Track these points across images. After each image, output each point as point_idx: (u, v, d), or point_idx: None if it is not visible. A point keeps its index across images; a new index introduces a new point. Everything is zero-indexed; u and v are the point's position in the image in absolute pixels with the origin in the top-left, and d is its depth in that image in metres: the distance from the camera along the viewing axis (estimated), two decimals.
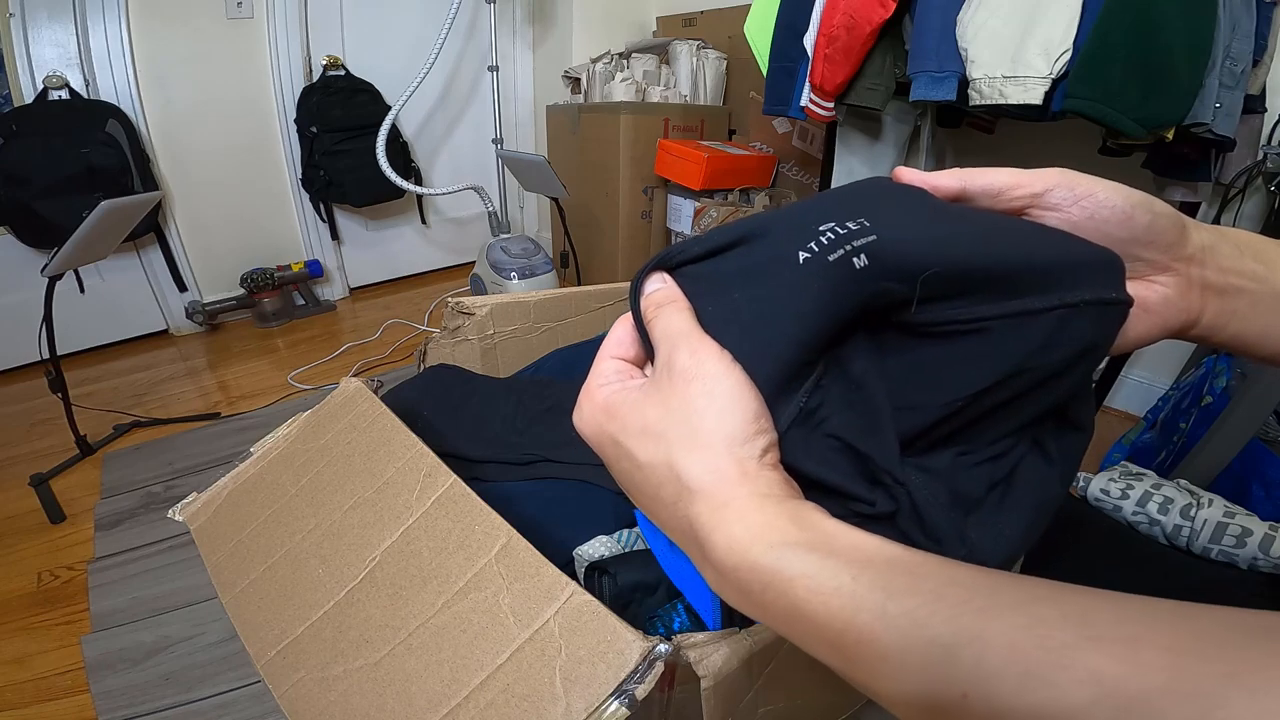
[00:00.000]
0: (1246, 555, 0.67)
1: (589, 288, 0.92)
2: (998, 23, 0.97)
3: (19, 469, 1.36)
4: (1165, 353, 1.40)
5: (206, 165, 1.97)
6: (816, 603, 0.19)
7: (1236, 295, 0.28)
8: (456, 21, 1.82)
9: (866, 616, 0.18)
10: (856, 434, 0.25)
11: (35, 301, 1.26)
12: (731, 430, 0.23)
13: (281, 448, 0.58)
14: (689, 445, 0.23)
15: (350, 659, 0.41)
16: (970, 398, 0.25)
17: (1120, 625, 0.15)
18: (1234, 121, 0.95)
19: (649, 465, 0.24)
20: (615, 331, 0.28)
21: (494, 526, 0.43)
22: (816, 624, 0.19)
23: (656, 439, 0.24)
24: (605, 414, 0.26)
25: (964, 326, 0.24)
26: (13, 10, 1.63)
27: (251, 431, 1.45)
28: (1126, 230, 0.27)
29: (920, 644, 0.17)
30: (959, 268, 0.24)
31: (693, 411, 0.23)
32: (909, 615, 0.18)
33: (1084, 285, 0.24)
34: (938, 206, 0.27)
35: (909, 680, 0.17)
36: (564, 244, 2.09)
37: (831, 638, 0.19)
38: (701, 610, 0.48)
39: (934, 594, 0.18)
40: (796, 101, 1.26)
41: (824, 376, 0.25)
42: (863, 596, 0.19)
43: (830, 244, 0.24)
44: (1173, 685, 0.14)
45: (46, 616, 1.01)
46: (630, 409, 0.25)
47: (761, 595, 0.21)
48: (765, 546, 0.21)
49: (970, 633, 0.17)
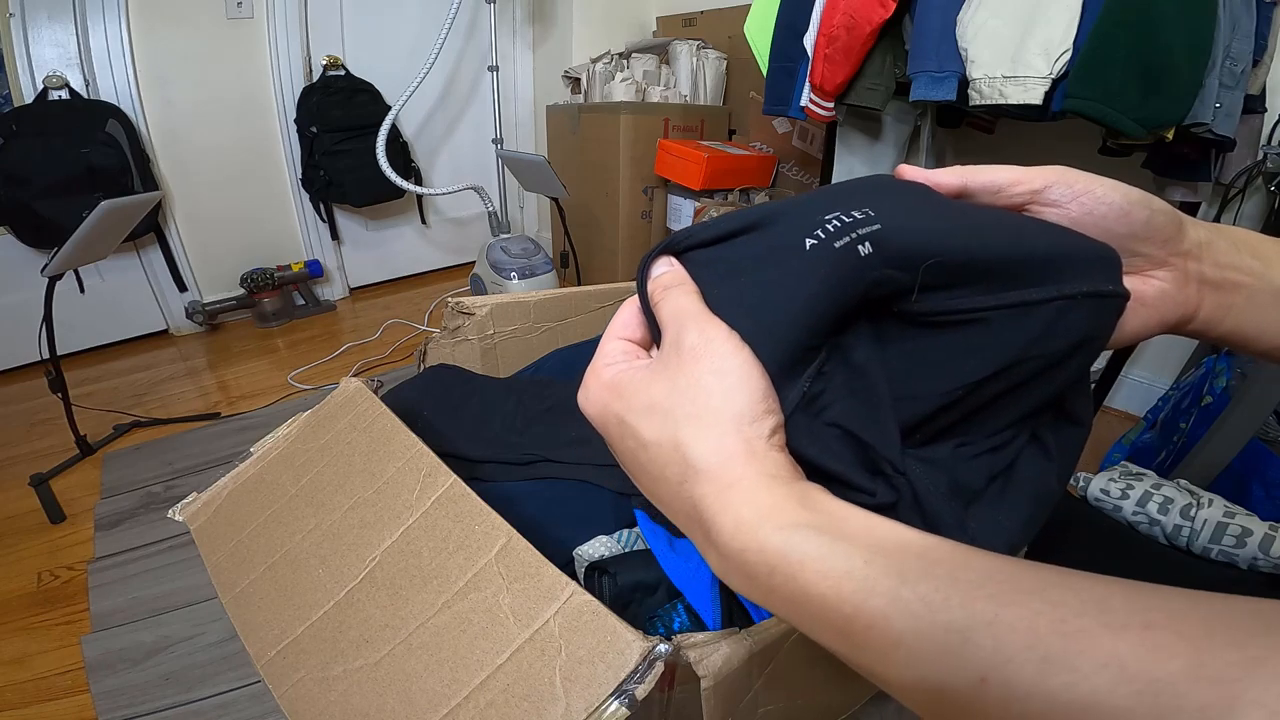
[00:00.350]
0: (1246, 555, 0.67)
1: (589, 288, 0.92)
2: (998, 23, 0.97)
3: (19, 469, 1.36)
4: (1165, 353, 1.40)
5: (206, 165, 1.97)
6: (826, 587, 0.19)
7: (1233, 290, 0.29)
8: (456, 21, 1.82)
9: (879, 601, 0.18)
10: (858, 423, 0.25)
11: (35, 301, 1.26)
12: (740, 408, 0.23)
13: (281, 448, 0.58)
14: (696, 423, 0.23)
15: (350, 659, 0.41)
16: (969, 387, 0.25)
17: (1138, 612, 0.15)
18: (1234, 121, 0.95)
19: (654, 444, 0.24)
20: (621, 314, 0.28)
21: (494, 526, 0.43)
22: (825, 608, 0.19)
23: (663, 416, 0.23)
24: (611, 392, 0.26)
25: (963, 316, 0.25)
26: (13, 10, 1.63)
27: (251, 431, 1.45)
28: (1125, 226, 0.27)
29: (935, 629, 0.17)
30: (960, 258, 0.24)
31: (701, 389, 0.23)
32: (923, 600, 0.17)
33: (1082, 278, 0.25)
34: (939, 201, 0.28)
35: (922, 666, 0.17)
36: (564, 244, 2.09)
37: (840, 623, 0.19)
38: (701, 610, 0.48)
39: (948, 578, 0.18)
40: (796, 101, 1.26)
41: (826, 363, 0.26)
42: (875, 580, 0.18)
43: (836, 231, 0.24)
44: (1194, 670, 0.14)
45: (46, 616, 1.01)
46: (636, 387, 0.25)
47: (768, 579, 0.20)
48: (773, 528, 0.21)
49: (986, 618, 0.17)
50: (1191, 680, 0.14)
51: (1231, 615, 0.15)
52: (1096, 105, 0.92)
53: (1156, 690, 0.14)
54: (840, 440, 0.25)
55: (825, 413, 0.25)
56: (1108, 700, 0.14)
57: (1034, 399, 0.27)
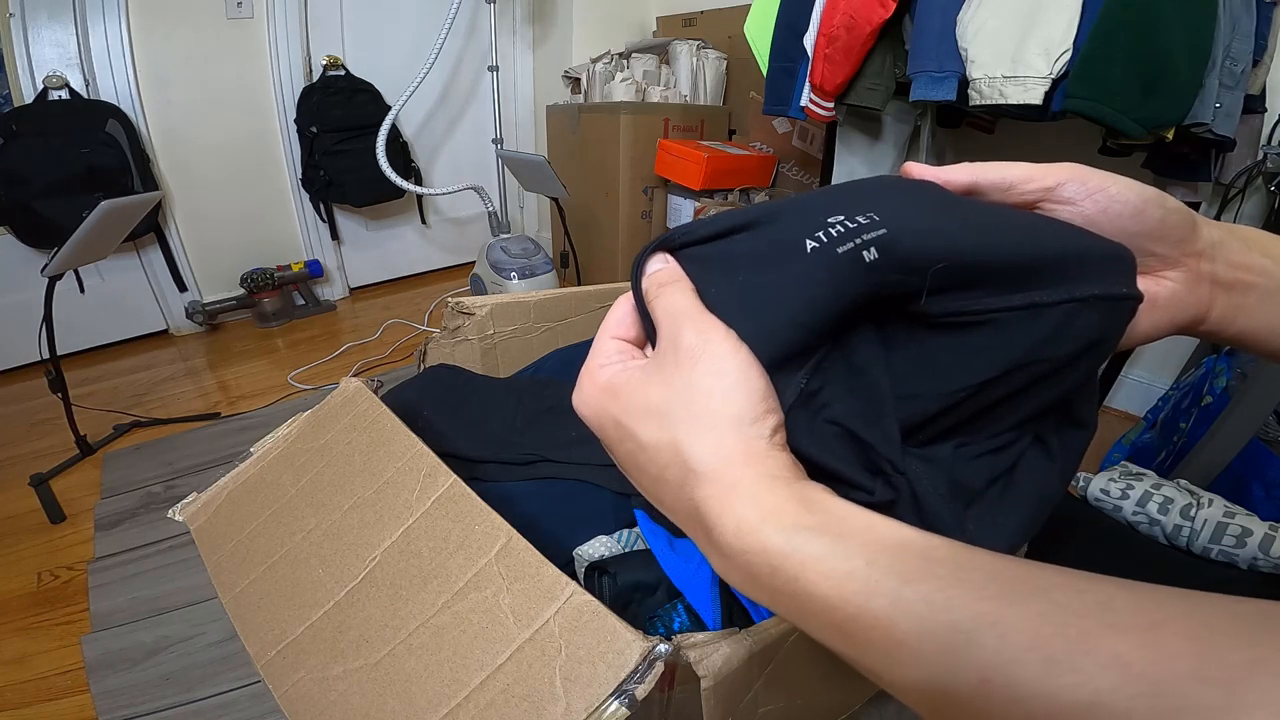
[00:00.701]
0: (1246, 555, 0.67)
1: (589, 288, 0.92)
2: (998, 23, 0.97)
3: (19, 469, 1.36)
4: (1165, 353, 1.40)
5: (206, 165, 1.97)
6: (828, 587, 0.19)
7: (1245, 291, 0.28)
8: (456, 22, 1.82)
9: (881, 601, 0.18)
10: (858, 421, 0.25)
11: (35, 301, 1.26)
12: (739, 410, 0.22)
13: (281, 448, 0.58)
14: (695, 426, 0.22)
15: (350, 659, 0.41)
16: (974, 388, 0.25)
17: (1140, 613, 0.15)
18: (1234, 121, 0.95)
19: (653, 447, 0.23)
20: (615, 311, 0.28)
21: (494, 526, 0.43)
22: (827, 609, 0.19)
23: (661, 419, 0.23)
24: (607, 394, 0.25)
25: (971, 318, 0.24)
26: (13, 10, 1.63)
27: (251, 431, 1.45)
28: (1138, 224, 0.27)
29: (938, 629, 0.17)
30: (968, 260, 0.24)
31: (699, 391, 0.23)
32: (925, 600, 0.17)
33: (1094, 280, 0.24)
34: (947, 199, 0.27)
35: (925, 666, 0.17)
36: (564, 244, 2.09)
37: (842, 623, 0.19)
38: (701, 610, 0.48)
39: (950, 578, 0.18)
40: (796, 101, 1.26)
41: (825, 359, 0.25)
42: (877, 581, 0.18)
43: (840, 236, 0.23)
44: (1198, 670, 0.14)
45: (46, 616, 1.01)
46: (633, 389, 0.24)
47: (770, 579, 0.20)
48: (775, 529, 0.20)
49: (989, 618, 0.16)
50: (1195, 681, 0.14)
51: (1235, 616, 0.15)
52: (1096, 105, 0.92)
53: (1160, 691, 0.14)
54: (839, 438, 0.25)
55: (825, 410, 0.25)
56: (1111, 701, 0.14)
57: (1039, 401, 0.27)
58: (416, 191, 2.00)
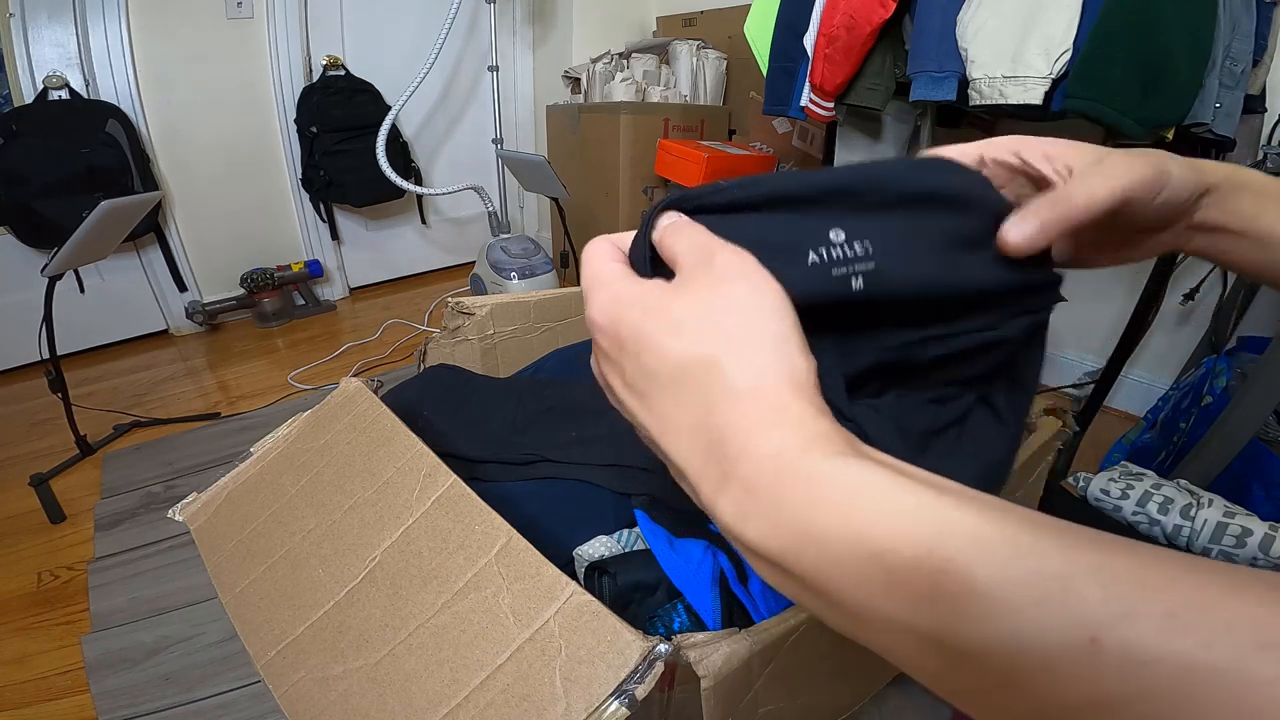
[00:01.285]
0: (1246, 555, 0.67)
1: None
2: (998, 23, 0.97)
3: (19, 469, 1.36)
4: (1165, 353, 1.40)
5: (206, 165, 1.97)
6: (886, 525, 0.16)
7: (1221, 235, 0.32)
8: (456, 22, 1.81)
9: (955, 542, 0.15)
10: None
11: (35, 301, 1.26)
12: (784, 330, 0.21)
13: (281, 448, 0.58)
14: (737, 341, 0.20)
15: (350, 659, 0.41)
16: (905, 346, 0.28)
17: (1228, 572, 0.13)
18: (1234, 121, 0.95)
19: (677, 363, 0.21)
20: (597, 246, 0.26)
21: (494, 526, 0.43)
22: (878, 552, 0.16)
23: (695, 333, 0.21)
24: (628, 300, 0.23)
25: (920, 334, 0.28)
26: (13, 10, 1.63)
27: (251, 431, 1.45)
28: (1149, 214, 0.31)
29: (1029, 574, 0.14)
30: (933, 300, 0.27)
31: (739, 307, 0.21)
32: (1010, 541, 0.15)
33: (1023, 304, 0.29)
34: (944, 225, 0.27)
35: (1008, 620, 0.14)
36: (564, 244, 2.09)
37: (898, 568, 0.16)
38: (701, 610, 0.48)
39: (1029, 522, 0.15)
40: (796, 101, 1.26)
41: None
42: (947, 518, 0.16)
43: (837, 260, 0.26)
44: None
45: (46, 616, 1.01)
46: (656, 299, 0.22)
47: (808, 514, 0.17)
48: (822, 456, 0.18)
49: (1089, 563, 0.14)
50: None
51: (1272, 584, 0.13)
52: (1096, 105, 0.92)
53: None
54: None
55: None
56: (1254, 668, 0.11)
57: (977, 367, 0.30)
58: (416, 191, 2.00)
